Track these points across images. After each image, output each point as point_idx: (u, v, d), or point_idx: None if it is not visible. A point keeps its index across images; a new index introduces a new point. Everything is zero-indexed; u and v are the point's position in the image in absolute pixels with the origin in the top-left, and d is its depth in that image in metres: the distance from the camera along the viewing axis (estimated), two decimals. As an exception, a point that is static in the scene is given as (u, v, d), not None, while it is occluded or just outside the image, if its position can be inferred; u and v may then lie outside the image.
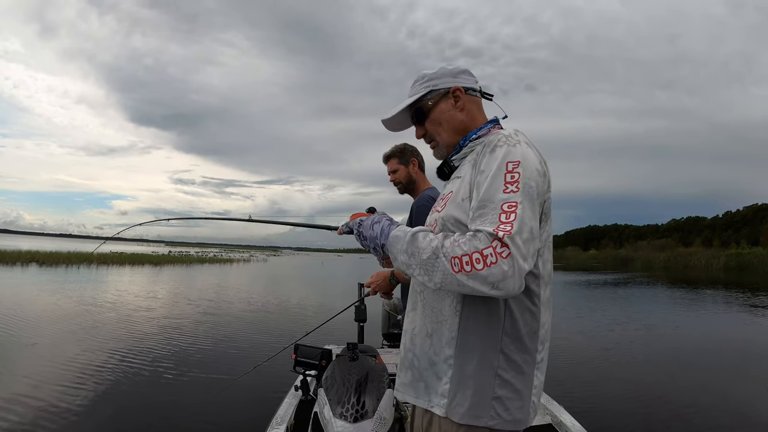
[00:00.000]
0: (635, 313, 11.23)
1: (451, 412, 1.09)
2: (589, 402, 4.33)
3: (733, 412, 4.30)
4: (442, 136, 1.24)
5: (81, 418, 3.79)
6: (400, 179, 2.54)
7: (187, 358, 5.74)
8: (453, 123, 1.22)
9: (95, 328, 7.45)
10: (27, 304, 9.75)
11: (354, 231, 1.20)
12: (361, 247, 1.18)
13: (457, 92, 1.22)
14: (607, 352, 6.99)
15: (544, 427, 2.44)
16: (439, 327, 1.13)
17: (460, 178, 1.15)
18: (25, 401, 4.06)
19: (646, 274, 31.29)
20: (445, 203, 1.16)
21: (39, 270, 19.64)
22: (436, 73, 1.24)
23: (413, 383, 1.18)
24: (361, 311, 2.67)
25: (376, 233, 1.13)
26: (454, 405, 1.09)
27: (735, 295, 16.50)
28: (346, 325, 3.48)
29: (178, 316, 9.16)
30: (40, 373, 4.99)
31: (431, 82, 1.23)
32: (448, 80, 1.23)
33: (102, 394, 4.32)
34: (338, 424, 1.81)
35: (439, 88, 1.23)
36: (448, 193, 1.17)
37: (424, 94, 1.23)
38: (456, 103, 1.22)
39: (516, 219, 0.94)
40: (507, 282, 0.91)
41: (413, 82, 1.28)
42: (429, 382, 1.14)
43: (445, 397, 1.10)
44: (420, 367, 1.16)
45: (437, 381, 1.13)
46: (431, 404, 1.13)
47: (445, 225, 1.12)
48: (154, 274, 21.37)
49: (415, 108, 1.25)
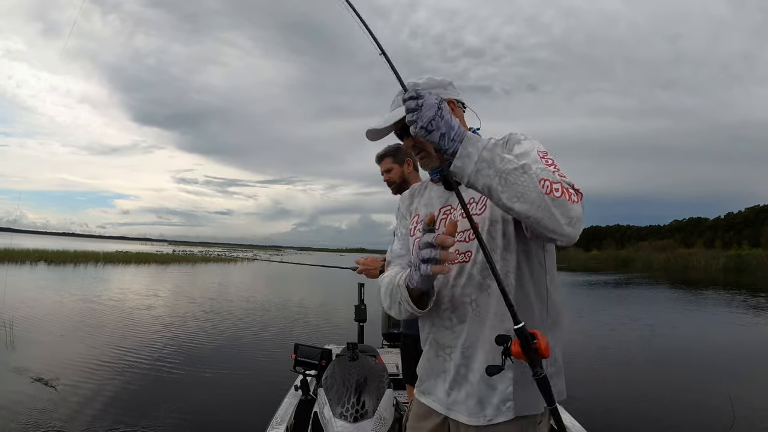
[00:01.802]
0: (634, 314, 11.21)
1: (520, 410, 1.11)
2: (589, 402, 4.31)
3: (734, 412, 4.29)
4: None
5: (80, 410, 3.89)
6: (394, 179, 2.43)
7: (189, 358, 5.74)
8: None
9: (102, 326, 7.66)
10: (47, 302, 10.09)
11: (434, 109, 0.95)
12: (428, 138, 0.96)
13: (451, 104, 1.22)
14: (606, 352, 6.95)
15: None
16: (496, 332, 1.07)
17: None
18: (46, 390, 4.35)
19: (646, 274, 31.15)
20: (483, 205, 1.14)
21: (48, 269, 19.92)
22: (427, 83, 1.22)
23: (467, 401, 1.14)
24: (361, 311, 2.69)
25: (453, 124, 0.96)
26: (524, 400, 1.11)
27: (733, 296, 16.52)
28: (346, 325, 3.63)
29: (183, 314, 9.29)
30: (64, 361, 5.28)
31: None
32: (440, 91, 1.20)
33: (102, 393, 4.35)
34: (338, 424, 1.82)
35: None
36: (472, 198, 1.16)
37: None
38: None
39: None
40: (579, 224, 0.95)
41: (402, 92, 1.22)
42: (483, 395, 1.13)
43: (509, 400, 1.11)
44: (474, 381, 1.13)
45: (494, 391, 1.12)
46: (487, 418, 1.12)
47: (492, 225, 1.12)
48: (161, 273, 21.59)
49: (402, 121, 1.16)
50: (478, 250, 1.12)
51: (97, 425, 3.63)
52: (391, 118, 1.19)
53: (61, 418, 3.74)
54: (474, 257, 1.14)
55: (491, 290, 1.12)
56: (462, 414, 1.15)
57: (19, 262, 21.69)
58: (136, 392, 4.43)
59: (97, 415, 3.83)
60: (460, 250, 1.16)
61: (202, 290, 14.51)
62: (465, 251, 1.15)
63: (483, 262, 1.12)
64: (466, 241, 1.15)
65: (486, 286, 1.13)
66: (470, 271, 1.14)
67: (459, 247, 1.15)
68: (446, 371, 1.18)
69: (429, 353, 1.25)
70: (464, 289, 1.14)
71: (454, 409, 1.17)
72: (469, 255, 1.15)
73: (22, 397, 4.19)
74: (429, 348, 1.25)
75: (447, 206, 1.23)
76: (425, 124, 0.95)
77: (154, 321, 8.38)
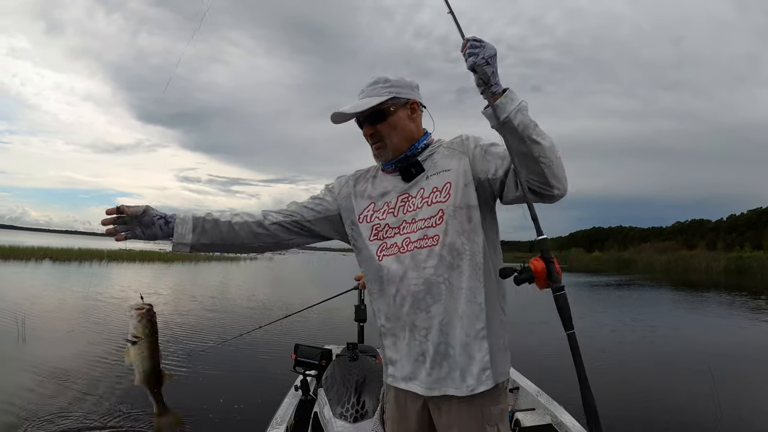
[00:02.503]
0: (635, 315, 11.21)
1: (498, 377, 1.22)
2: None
3: (734, 413, 4.30)
4: (393, 141, 1.30)
5: (81, 407, 3.92)
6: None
7: (189, 357, 5.77)
8: (405, 131, 1.30)
9: (106, 323, 7.70)
10: (55, 299, 10.22)
11: (494, 50, 1.12)
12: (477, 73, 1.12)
13: (414, 105, 1.32)
14: (606, 353, 6.99)
15: (544, 427, 2.45)
16: (470, 306, 1.20)
17: (449, 171, 1.25)
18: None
19: (647, 276, 31.15)
20: (447, 193, 1.23)
21: (54, 266, 20.00)
22: (399, 81, 1.30)
23: (450, 374, 1.21)
24: (361, 311, 2.65)
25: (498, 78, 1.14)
26: (498, 369, 1.22)
27: (733, 298, 16.51)
28: (346, 325, 3.59)
29: (184, 312, 9.31)
30: (68, 357, 5.38)
31: (394, 89, 1.28)
32: (408, 92, 1.31)
33: (103, 391, 4.36)
34: (338, 424, 1.82)
35: (401, 97, 1.29)
36: (435, 188, 1.25)
37: (387, 98, 1.27)
38: (411, 115, 1.32)
39: None
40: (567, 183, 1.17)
41: (373, 83, 1.30)
42: (464, 366, 1.20)
43: (488, 368, 1.19)
44: (455, 354, 1.20)
45: (472, 360, 1.19)
46: (471, 389, 1.19)
47: (456, 211, 1.22)
48: (165, 271, 21.69)
49: (373, 109, 1.27)
50: (445, 233, 1.21)
51: (96, 424, 3.62)
52: (360, 105, 1.27)
53: (60, 414, 3.76)
54: (442, 240, 1.21)
55: (462, 268, 1.21)
56: (449, 387, 1.21)
57: (25, 260, 21.79)
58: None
59: (98, 413, 3.83)
60: (428, 235, 1.23)
61: (203, 288, 14.56)
62: (433, 236, 1.22)
63: (451, 243, 1.21)
64: (433, 226, 1.23)
65: (456, 265, 1.21)
66: (440, 252, 1.21)
67: (426, 232, 1.23)
68: (425, 352, 1.23)
69: (404, 339, 1.27)
70: (436, 269, 1.21)
71: (437, 387, 1.23)
72: (437, 239, 1.22)
73: (29, 391, 4.33)
74: (403, 334, 1.27)
75: (405, 194, 1.30)
76: (488, 57, 1.11)
77: (160, 319, 8.47)
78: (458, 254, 1.21)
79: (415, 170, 1.29)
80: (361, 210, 1.36)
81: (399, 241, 1.26)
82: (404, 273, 1.24)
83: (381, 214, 1.31)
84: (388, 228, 1.29)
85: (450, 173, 1.24)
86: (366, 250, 1.33)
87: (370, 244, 1.32)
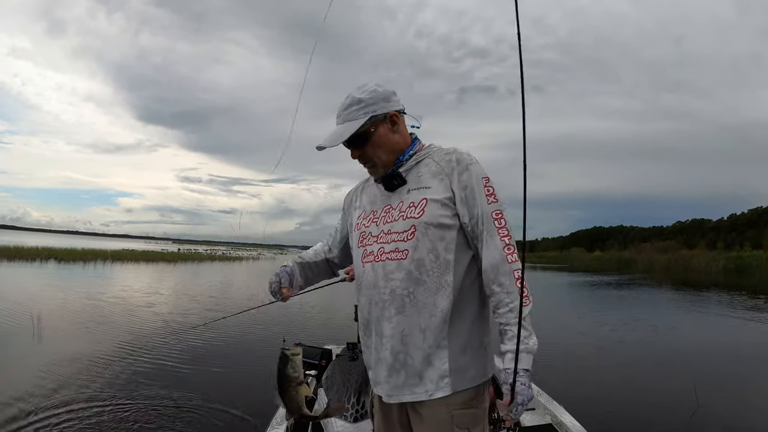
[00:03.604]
0: (635, 314, 11.23)
1: (458, 384, 1.23)
2: (589, 402, 4.33)
3: (734, 412, 4.33)
4: (382, 158, 1.31)
5: (81, 406, 3.94)
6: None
7: (189, 357, 5.78)
8: (390, 145, 1.31)
9: (109, 322, 7.85)
10: (65, 298, 10.40)
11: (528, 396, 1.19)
12: None
13: (394, 116, 1.31)
14: (607, 352, 6.99)
15: (544, 427, 2.46)
16: (432, 320, 1.22)
17: (429, 189, 1.26)
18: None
19: (646, 275, 31.12)
20: (422, 210, 1.24)
21: (59, 266, 20.13)
22: (372, 98, 1.28)
23: (407, 381, 1.25)
24: None
25: (527, 392, 1.19)
26: (460, 376, 1.24)
27: (732, 297, 16.59)
28: (346, 325, 3.49)
29: (185, 312, 9.38)
30: (69, 357, 5.54)
31: (369, 108, 1.27)
32: (384, 105, 1.29)
33: (104, 390, 4.39)
34: (338, 424, 1.84)
35: (378, 114, 1.28)
36: (412, 203, 1.27)
37: (365, 120, 1.26)
38: (393, 127, 1.31)
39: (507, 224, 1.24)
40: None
41: (347, 105, 1.29)
42: (424, 373, 1.23)
43: (446, 376, 1.22)
44: (414, 363, 1.23)
45: (432, 368, 1.23)
46: (429, 393, 1.23)
47: (428, 228, 1.23)
48: (169, 271, 21.78)
49: (353, 135, 1.27)
50: (415, 248, 1.23)
51: (96, 423, 3.65)
52: (340, 135, 1.28)
53: (60, 412, 3.80)
54: (411, 255, 1.23)
55: (428, 284, 1.23)
56: (405, 395, 1.26)
57: (30, 260, 22.00)
58: (136, 391, 4.43)
59: (98, 412, 3.85)
60: (399, 249, 1.25)
61: (205, 288, 14.59)
62: (403, 249, 1.25)
63: (419, 260, 1.23)
64: (404, 241, 1.25)
65: (422, 281, 1.23)
66: (408, 267, 1.23)
67: (398, 246, 1.26)
68: (385, 359, 1.27)
69: (371, 345, 1.35)
70: (402, 282, 1.24)
71: (395, 395, 1.28)
72: (406, 253, 1.24)
73: (46, 384, 4.47)
74: (370, 340, 1.35)
75: (387, 205, 1.33)
76: (525, 407, 1.20)
77: (157, 318, 8.48)
78: (425, 271, 1.23)
79: (396, 182, 1.31)
80: (356, 218, 1.44)
81: (375, 250, 1.30)
82: (375, 282, 1.29)
83: (367, 222, 1.36)
84: (370, 236, 1.33)
85: (429, 191, 1.26)
86: (355, 254, 1.41)
87: (356, 251, 1.39)
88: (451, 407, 1.23)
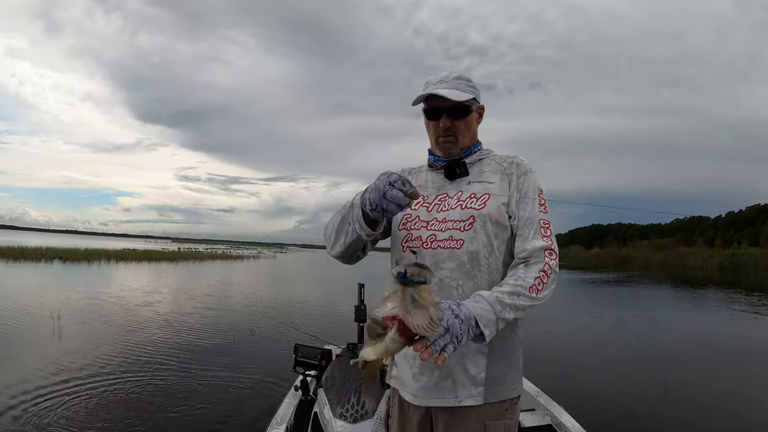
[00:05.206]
0: (634, 313, 11.19)
1: (490, 396, 1.17)
2: (589, 402, 4.30)
3: (733, 410, 4.31)
4: (464, 139, 1.30)
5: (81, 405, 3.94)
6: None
7: (190, 357, 5.71)
8: (472, 132, 1.33)
9: (111, 322, 7.78)
10: (78, 297, 10.54)
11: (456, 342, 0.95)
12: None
13: (482, 111, 1.35)
14: (606, 351, 6.93)
15: (544, 427, 2.43)
16: None
17: (492, 184, 1.25)
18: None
19: (643, 273, 31.20)
20: (483, 203, 1.22)
21: (64, 266, 20.16)
22: (476, 85, 1.32)
23: (438, 384, 1.18)
24: (361, 311, 2.61)
25: (458, 329, 0.95)
26: (494, 388, 1.17)
27: (728, 294, 16.70)
28: (346, 325, 3.38)
29: (185, 311, 9.33)
30: (76, 358, 5.69)
31: (476, 91, 1.30)
32: (479, 96, 1.33)
33: (105, 390, 4.37)
34: (338, 425, 1.82)
35: (478, 101, 1.32)
36: (473, 194, 1.24)
37: (471, 97, 1.28)
38: (478, 119, 1.35)
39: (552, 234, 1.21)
40: (553, 285, 1.15)
41: (456, 77, 1.28)
42: (457, 378, 1.16)
43: (480, 385, 1.16)
44: (449, 365, 1.15)
45: (467, 374, 1.16)
46: (459, 400, 1.16)
47: (486, 222, 1.20)
48: (172, 270, 21.84)
49: (459, 103, 1.25)
50: (471, 240, 1.19)
51: (96, 423, 3.62)
52: (456, 95, 1.23)
53: (62, 413, 3.79)
54: (465, 246, 1.19)
55: (477, 279, 1.18)
56: (433, 399, 1.18)
57: (35, 260, 22.07)
58: (136, 390, 4.42)
59: (97, 411, 3.85)
60: (454, 237, 1.21)
61: (206, 287, 14.54)
62: (458, 239, 1.20)
63: (473, 252, 1.19)
64: (461, 230, 1.20)
65: (473, 275, 1.18)
66: (460, 258, 1.19)
67: (453, 234, 1.21)
68: (416, 356, 1.05)
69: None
70: (452, 273, 1.19)
71: (421, 396, 1.20)
72: (461, 243, 1.19)
73: (66, 381, 4.63)
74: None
75: (443, 194, 1.29)
76: (456, 348, 0.95)
77: (157, 318, 8.50)
78: (478, 264, 1.19)
79: (459, 171, 1.29)
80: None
81: (424, 235, 1.24)
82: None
83: (414, 206, 1.26)
84: (418, 220, 1.27)
85: (492, 186, 1.25)
86: (395, 237, 1.33)
87: (398, 233, 1.31)
88: (484, 417, 1.18)
